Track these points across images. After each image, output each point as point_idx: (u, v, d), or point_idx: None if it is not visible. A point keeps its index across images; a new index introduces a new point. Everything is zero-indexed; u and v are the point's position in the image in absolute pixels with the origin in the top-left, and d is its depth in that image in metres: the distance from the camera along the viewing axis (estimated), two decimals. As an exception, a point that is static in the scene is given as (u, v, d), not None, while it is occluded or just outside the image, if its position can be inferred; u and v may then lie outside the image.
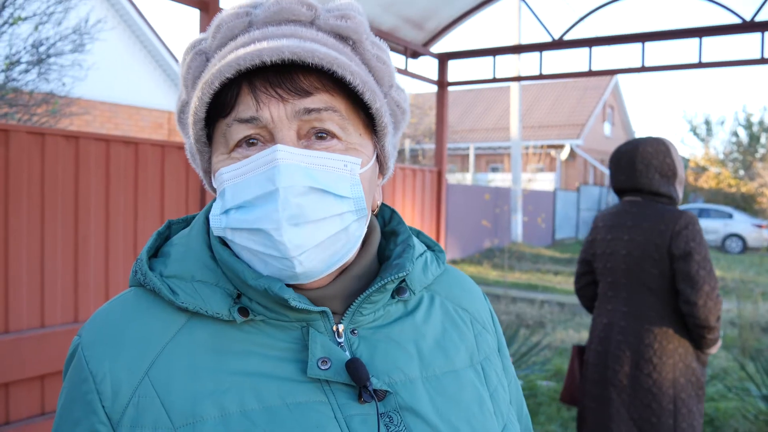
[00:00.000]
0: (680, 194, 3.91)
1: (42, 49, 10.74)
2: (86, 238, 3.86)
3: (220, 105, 1.05)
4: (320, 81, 1.04)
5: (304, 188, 1.00)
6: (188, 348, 1.04)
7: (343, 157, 1.05)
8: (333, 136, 1.05)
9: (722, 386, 7.69)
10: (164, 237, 1.20)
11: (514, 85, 25.57)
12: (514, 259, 21.14)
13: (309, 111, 1.02)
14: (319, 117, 1.03)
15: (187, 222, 1.24)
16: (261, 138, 1.04)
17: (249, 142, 1.05)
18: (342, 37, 1.11)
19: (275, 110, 1.01)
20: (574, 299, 13.89)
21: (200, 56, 1.13)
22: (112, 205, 3.98)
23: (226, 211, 1.05)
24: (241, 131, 1.04)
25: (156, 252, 1.17)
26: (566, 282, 16.97)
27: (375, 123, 1.12)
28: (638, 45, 6.30)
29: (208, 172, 1.16)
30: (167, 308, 1.07)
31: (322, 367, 1.03)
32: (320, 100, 1.03)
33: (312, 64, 1.00)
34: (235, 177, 1.04)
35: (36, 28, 10.57)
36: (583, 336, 10.39)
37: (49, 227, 3.68)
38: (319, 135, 1.05)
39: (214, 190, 1.13)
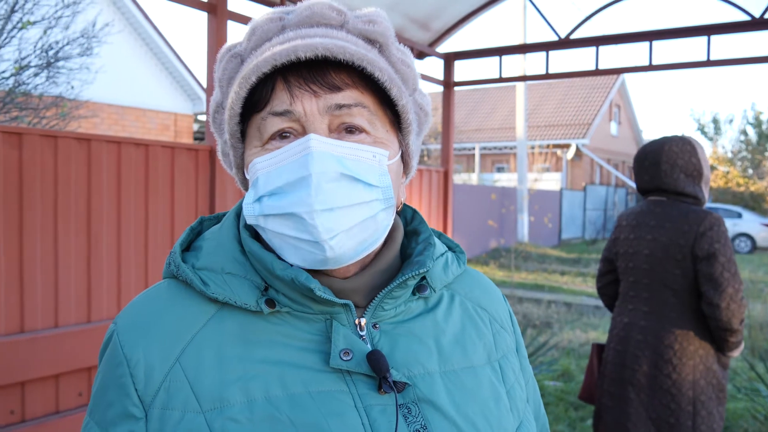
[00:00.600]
0: (706, 194, 3.86)
1: (51, 53, 10.79)
2: (98, 239, 3.90)
3: (255, 101, 1.10)
4: (350, 77, 1.09)
5: (336, 174, 1.04)
6: (217, 336, 1.08)
7: (372, 149, 1.10)
8: (362, 130, 1.10)
9: (732, 386, 7.67)
10: (196, 232, 1.25)
11: (519, 85, 25.55)
12: (520, 259, 21.12)
13: (340, 107, 1.07)
14: (350, 112, 1.08)
15: (218, 219, 1.29)
16: (294, 131, 1.09)
17: (282, 135, 1.09)
18: (370, 40, 1.16)
19: (308, 104, 1.07)
20: (581, 299, 13.88)
21: (235, 59, 1.18)
22: (123, 206, 4.02)
23: (259, 199, 1.09)
24: (275, 124, 1.08)
25: (189, 246, 1.22)
26: (573, 282, 16.95)
27: (400, 120, 1.17)
28: (645, 44, 6.30)
29: (241, 167, 1.20)
30: (198, 299, 1.12)
31: (344, 358, 1.07)
32: (350, 96, 1.08)
33: (343, 60, 1.05)
34: (268, 166, 1.08)
35: (45, 32, 10.61)
36: (590, 336, 10.39)
37: (62, 228, 3.72)
38: (349, 129, 1.09)
39: (246, 187, 1.18)
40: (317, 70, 1.07)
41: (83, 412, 3.78)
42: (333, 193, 1.04)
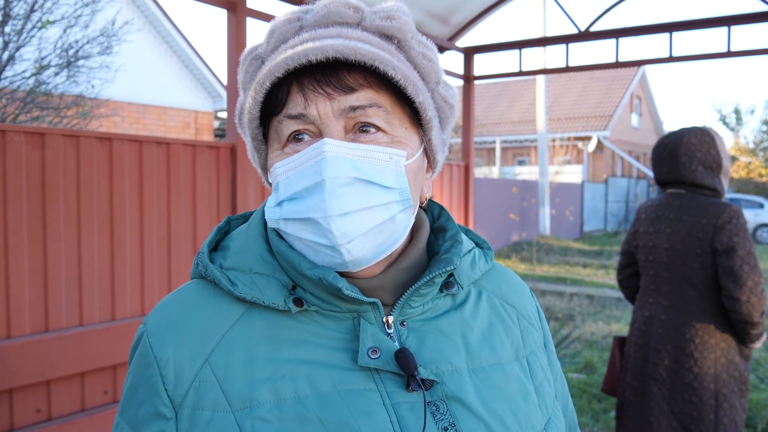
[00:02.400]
0: (726, 186, 3.84)
1: (71, 52, 10.83)
2: (121, 238, 3.92)
3: (273, 104, 1.10)
4: (365, 78, 1.08)
5: (349, 179, 1.04)
6: (246, 336, 1.09)
7: (389, 150, 1.09)
8: (378, 129, 1.09)
9: (755, 377, 7.63)
10: (224, 232, 1.26)
11: (540, 77, 25.43)
12: (542, 252, 21.03)
13: (354, 108, 1.07)
14: (365, 113, 1.08)
15: (245, 218, 1.29)
16: (310, 133, 1.09)
17: (297, 137, 1.09)
18: (387, 37, 1.15)
19: (322, 107, 1.06)
20: (603, 292, 13.81)
21: (256, 61, 1.18)
22: (145, 204, 4.05)
23: (280, 203, 1.10)
24: (291, 126, 1.09)
25: (216, 246, 1.23)
26: (595, 274, 16.87)
27: (420, 117, 1.16)
28: (666, 35, 6.26)
29: (266, 168, 1.21)
30: (226, 298, 1.12)
31: (372, 356, 1.07)
32: (365, 96, 1.08)
33: (355, 61, 1.04)
34: (287, 171, 1.09)
35: (64, 31, 10.66)
36: (612, 328, 10.35)
37: (85, 228, 3.74)
38: (364, 128, 1.09)
39: (271, 186, 1.18)
40: (330, 72, 1.07)
41: (109, 409, 3.81)
42: (347, 197, 1.04)
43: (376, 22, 1.14)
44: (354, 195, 1.05)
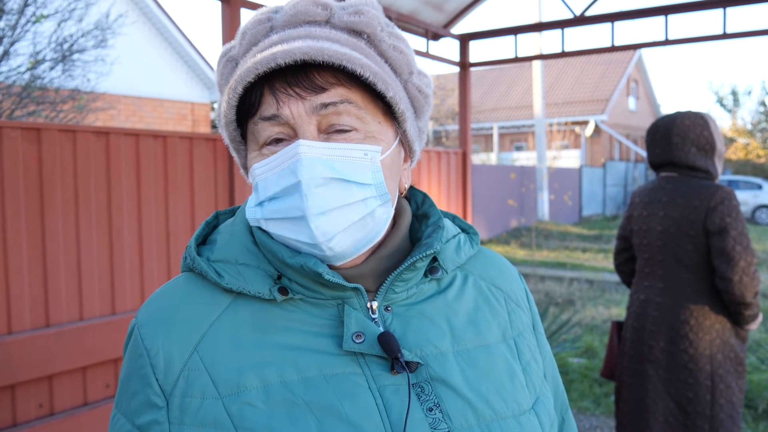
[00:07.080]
0: (720, 169, 3.86)
1: (65, 46, 10.81)
2: (120, 232, 3.92)
3: (248, 106, 1.13)
4: (335, 76, 1.10)
5: (324, 179, 1.07)
6: (233, 325, 1.12)
7: (363, 146, 1.12)
8: (351, 128, 1.12)
9: (755, 358, 7.65)
10: (212, 226, 1.29)
11: (536, 63, 25.39)
12: (541, 237, 21.07)
13: (326, 105, 1.09)
14: (336, 110, 1.10)
15: (233, 212, 1.33)
16: (287, 136, 1.12)
17: (276, 139, 1.12)
18: (356, 32, 1.17)
19: (294, 107, 1.09)
20: (603, 276, 13.83)
21: (231, 62, 1.22)
22: (143, 198, 4.05)
23: (260, 203, 1.14)
24: (266, 128, 1.12)
25: (205, 240, 1.26)
26: (594, 259, 16.90)
27: (393, 110, 1.18)
28: (661, 18, 6.25)
29: (246, 168, 1.24)
30: (214, 290, 1.16)
31: (357, 341, 1.10)
32: (336, 94, 1.10)
33: (322, 61, 1.06)
34: (265, 172, 1.12)
35: (59, 25, 10.64)
36: (612, 313, 10.36)
37: (83, 222, 3.74)
38: (338, 130, 1.11)
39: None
40: (301, 74, 1.10)
41: (111, 403, 3.82)
42: (324, 196, 1.07)
43: (345, 18, 1.17)
44: (330, 194, 1.08)
